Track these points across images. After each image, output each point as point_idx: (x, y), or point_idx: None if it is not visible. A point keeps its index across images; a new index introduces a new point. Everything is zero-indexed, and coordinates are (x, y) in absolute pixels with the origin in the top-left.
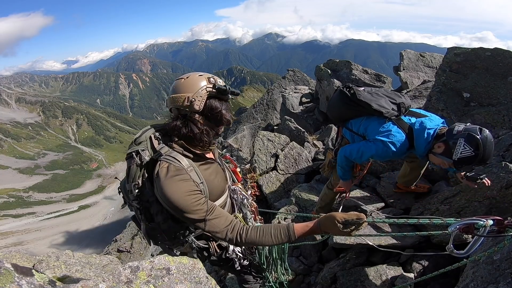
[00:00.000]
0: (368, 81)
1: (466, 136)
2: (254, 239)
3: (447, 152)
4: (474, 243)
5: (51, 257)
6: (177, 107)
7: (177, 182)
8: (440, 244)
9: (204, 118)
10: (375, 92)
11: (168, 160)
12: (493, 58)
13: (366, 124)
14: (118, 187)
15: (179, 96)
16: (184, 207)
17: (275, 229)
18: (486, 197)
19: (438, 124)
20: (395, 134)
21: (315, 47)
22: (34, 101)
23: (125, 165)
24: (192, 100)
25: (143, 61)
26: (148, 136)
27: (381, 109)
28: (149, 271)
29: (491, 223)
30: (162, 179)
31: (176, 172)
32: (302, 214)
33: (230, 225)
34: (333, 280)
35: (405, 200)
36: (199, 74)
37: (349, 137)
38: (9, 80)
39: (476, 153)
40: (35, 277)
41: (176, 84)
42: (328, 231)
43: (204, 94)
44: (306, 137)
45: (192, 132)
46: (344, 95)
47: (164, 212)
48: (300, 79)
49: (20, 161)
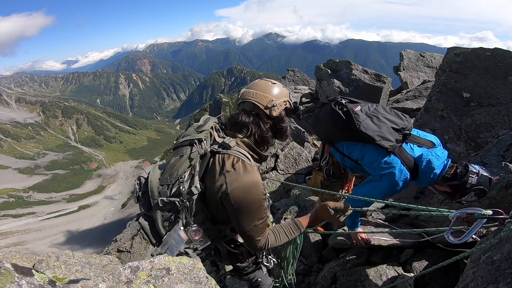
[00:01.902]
0: (368, 81)
1: (478, 193)
2: (273, 242)
3: (452, 194)
4: (470, 231)
5: (51, 257)
6: (258, 103)
7: (257, 182)
8: (440, 244)
9: (270, 126)
10: (374, 114)
11: (239, 155)
12: (493, 58)
13: (363, 151)
14: (140, 180)
15: (266, 95)
16: (256, 209)
17: (286, 228)
18: (486, 197)
19: (444, 162)
20: (401, 170)
21: (315, 47)
22: (34, 101)
23: (125, 165)
24: (274, 104)
25: (143, 61)
26: (210, 126)
27: (384, 143)
28: (149, 271)
29: (490, 213)
30: (241, 174)
31: (254, 171)
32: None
33: (266, 233)
34: (333, 280)
35: (405, 200)
36: (283, 86)
37: (339, 158)
38: (9, 80)
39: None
40: (35, 277)
41: (264, 84)
42: (323, 217)
43: (283, 105)
44: (306, 137)
45: (262, 132)
46: (337, 116)
47: (205, 212)
48: (300, 79)
49: (20, 161)
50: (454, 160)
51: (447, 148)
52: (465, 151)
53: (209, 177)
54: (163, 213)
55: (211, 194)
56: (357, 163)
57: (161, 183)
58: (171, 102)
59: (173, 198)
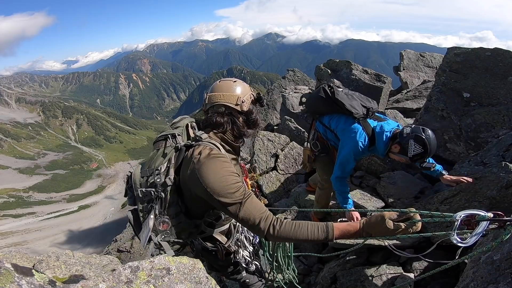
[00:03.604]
0: (368, 81)
1: (414, 137)
2: (288, 233)
3: (403, 151)
4: (476, 234)
5: (51, 257)
6: (229, 103)
7: (220, 162)
8: (441, 244)
9: (244, 119)
10: (350, 94)
11: (209, 145)
12: (493, 58)
13: (337, 120)
14: (127, 174)
15: (233, 94)
16: (224, 186)
17: (312, 225)
18: (486, 197)
19: (393, 127)
20: (360, 134)
21: (315, 47)
22: (34, 101)
23: (125, 165)
24: (243, 100)
25: (143, 61)
26: (185, 123)
27: (352, 109)
28: (149, 271)
29: (491, 216)
30: (202, 159)
31: (218, 154)
32: (303, 209)
33: (264, 213)
34: (333, 280)
35: (405, 200)
36: (243, 82)
37: (322, 130)
38: (9, 80)
39: (425, 149)
40: (35, 277)
41: (227, 84)
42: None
43: (250, 99)
44: (306, 137)
45: (238, 129)
46: (325, 92)
47: (179, 205)
48: (300, 79)
49: (20, 161)
50: None
51: (447, 148)
52: (465, 151)
53: (183, 168)
54: (143, 205)
55: (184, 184)
56: (335, 134)
57: (141, 175)
58: (171, 102)
59: (149, 189)
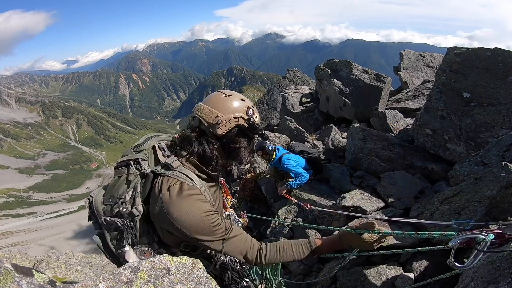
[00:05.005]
0: (368, 81)
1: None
2: (274, 257)
3: None
4: (475, 257)
5: (51, 257)
6: (203, 119)
7: (194, 201)
8: (440, 244)
9: (220, 146)
10: None
11: (180, 177)
12: (493, 58)
13: None
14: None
15: (211, 110)
16: (201, 228)
17: (295, 245)
18: (486, 197)
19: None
20: None
21: (315, 47)
22: (34, 101)
23: None
24: (219, 121)
25: (143, 61)
26: (151, 144)
27: None
28: (149, 271)
29: (492, 237)
30: (173, 197)
31: (191, 192)
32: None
33: (249, 243)
34: (333, 280)
35: (405, 200)
36: (242, 99)
37: None
38: (9, 80)
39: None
40: (35, 277)
41: (215, 96)
42: (353, 243)
43: (233, 122)
44: (306, 137)
45: (204, 152)
46: None
47: (151, 234)
48: (300, 79)
49: (20, 161)
50: None
51: (447, 148)
52: (465, 151)
53: (151, 199)
54: (110, 232)
55: (154, 219)
56: None
57: (104, 202)
58: (171, 102)
59: (114, 219)
